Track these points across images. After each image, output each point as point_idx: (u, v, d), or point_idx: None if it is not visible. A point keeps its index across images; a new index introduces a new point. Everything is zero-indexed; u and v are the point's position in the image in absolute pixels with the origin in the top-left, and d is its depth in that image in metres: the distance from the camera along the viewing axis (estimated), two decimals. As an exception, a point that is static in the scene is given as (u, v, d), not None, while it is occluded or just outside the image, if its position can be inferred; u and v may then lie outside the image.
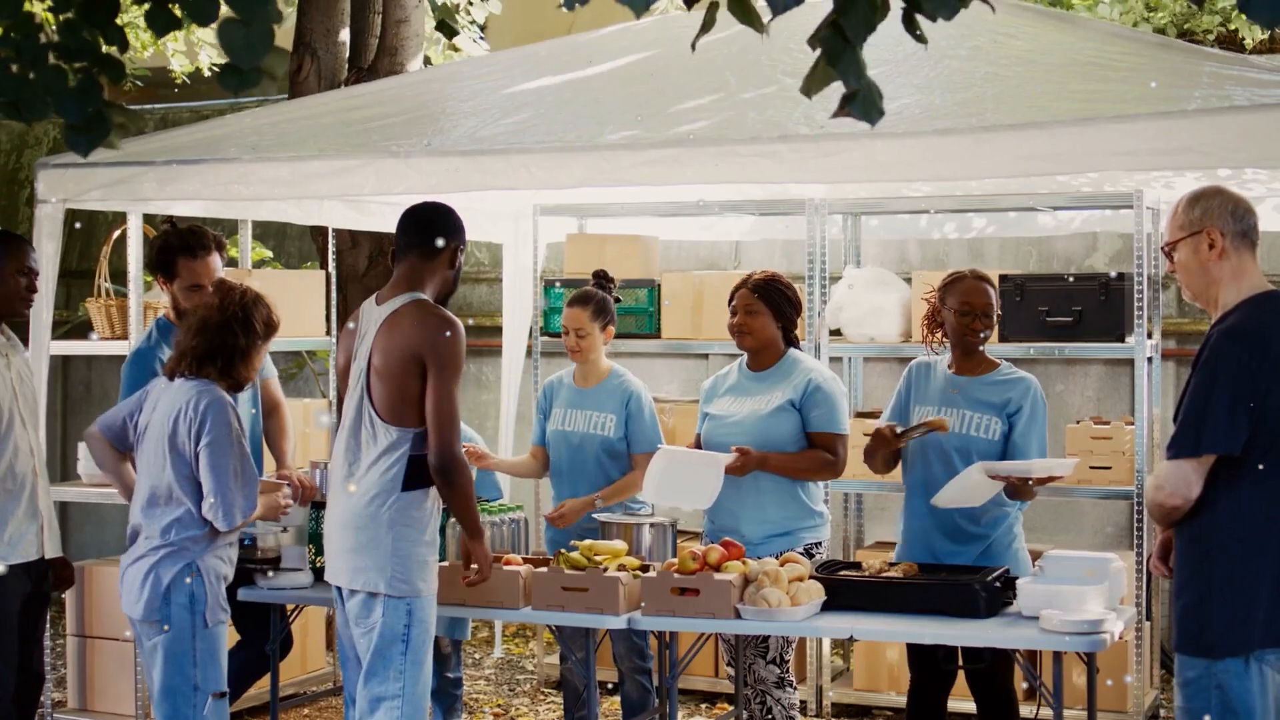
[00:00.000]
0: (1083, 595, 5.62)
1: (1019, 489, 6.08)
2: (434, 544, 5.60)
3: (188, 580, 5.75)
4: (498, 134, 6.38)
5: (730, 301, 6.62)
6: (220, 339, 5.85)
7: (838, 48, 3.39)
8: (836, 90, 5.96)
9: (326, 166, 6.43)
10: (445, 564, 6.14)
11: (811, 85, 3.50)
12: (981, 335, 6.32)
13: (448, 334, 5.42)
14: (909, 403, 6.46)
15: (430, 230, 5.60)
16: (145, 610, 5.77)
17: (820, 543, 6.60)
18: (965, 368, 6.38)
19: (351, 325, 5.72)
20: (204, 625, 5.76)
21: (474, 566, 5.73)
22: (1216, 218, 4.72)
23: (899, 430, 6.24)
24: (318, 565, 6.63)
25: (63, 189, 7.00)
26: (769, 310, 6.53)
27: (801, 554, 6.36)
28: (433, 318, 5.45)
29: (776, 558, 6.18)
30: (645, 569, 6.15)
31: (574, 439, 7.01)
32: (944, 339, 6.42)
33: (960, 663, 6.25)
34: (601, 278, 7.20)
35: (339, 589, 5.62)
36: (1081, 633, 5.48)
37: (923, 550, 6.32)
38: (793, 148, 5.67)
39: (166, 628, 5.74)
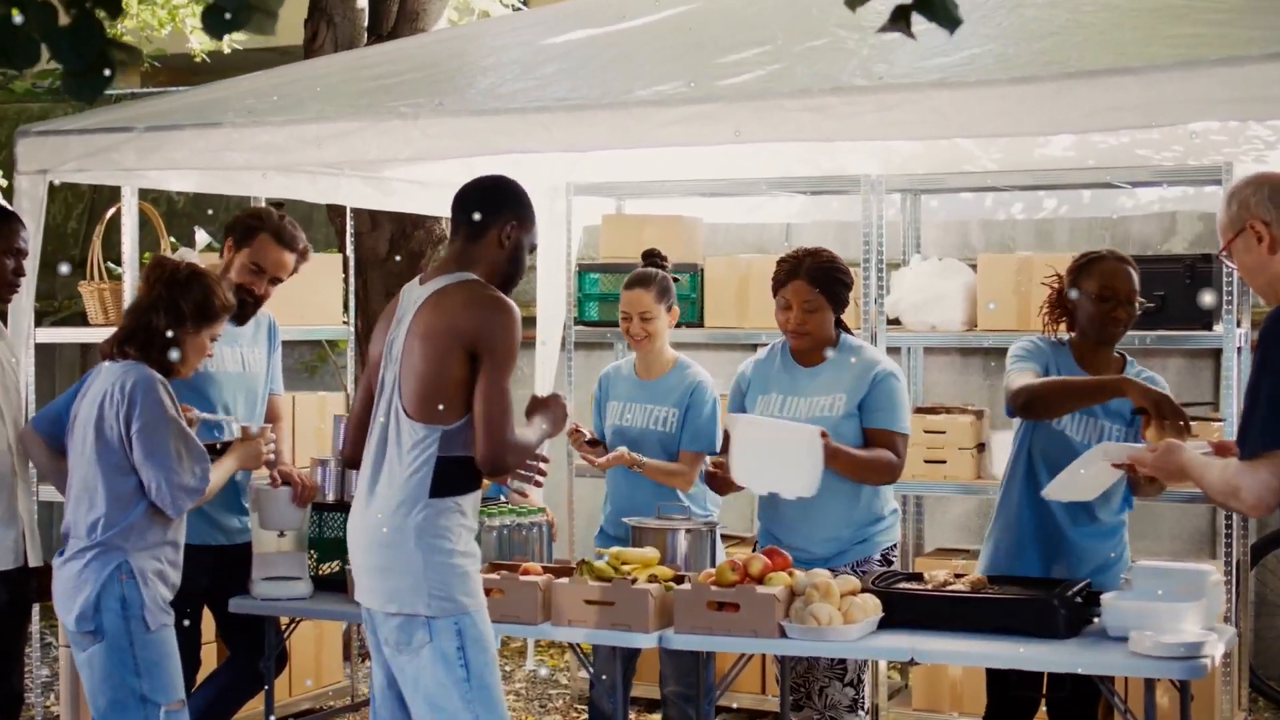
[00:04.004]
0: (1178, 613, 4.91)
1: (1144, 481, 5.31)
2: (472, 554, 4.80)
3: (119, 582, 5.17)
4: (516, 92, 5.72)
5: (777, 289, 5.83)
6: (143, 320, 5.27)
7: None
8: (903, 45, 5.38)
9: (325, 130, 5.76)
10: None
11: None
12: (1123, 328, 5.56)
13: (502, 316, 4.71)
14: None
15: (473, 204, 4.89)
16: (77, 620, 5.20)
17: (895, 545, 5.95)
18: (1095, 366, 5.57)
19: (389, 312, 5.00)
20: (141, 630, 5.18)
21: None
22: (1256, 207, 4.31)
23: None
24: (320, 574, 6.07)
25: (41, 158, 6.37)
26: (830, 304, 5.76)
27: (880, 561, 5.78)
28: (484, 297, 4.75)
29: (854, 568, 5.63)
30: (680, 580, 5.49)
31: (631, 434, 6.34)
32: (1068, 332, 5.65)
33: (1043, 690, 5.54)
34: (653, 257, 6.56)
35: (369, 610, 4.86)
36: (1178, 657, 4.78)
37: (1015, 566, 5.62)
38: (846, 100, 4.95)
39: (101, 638, 5.17)
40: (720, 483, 5.95)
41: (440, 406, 4.71)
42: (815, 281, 5.73)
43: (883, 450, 5.70)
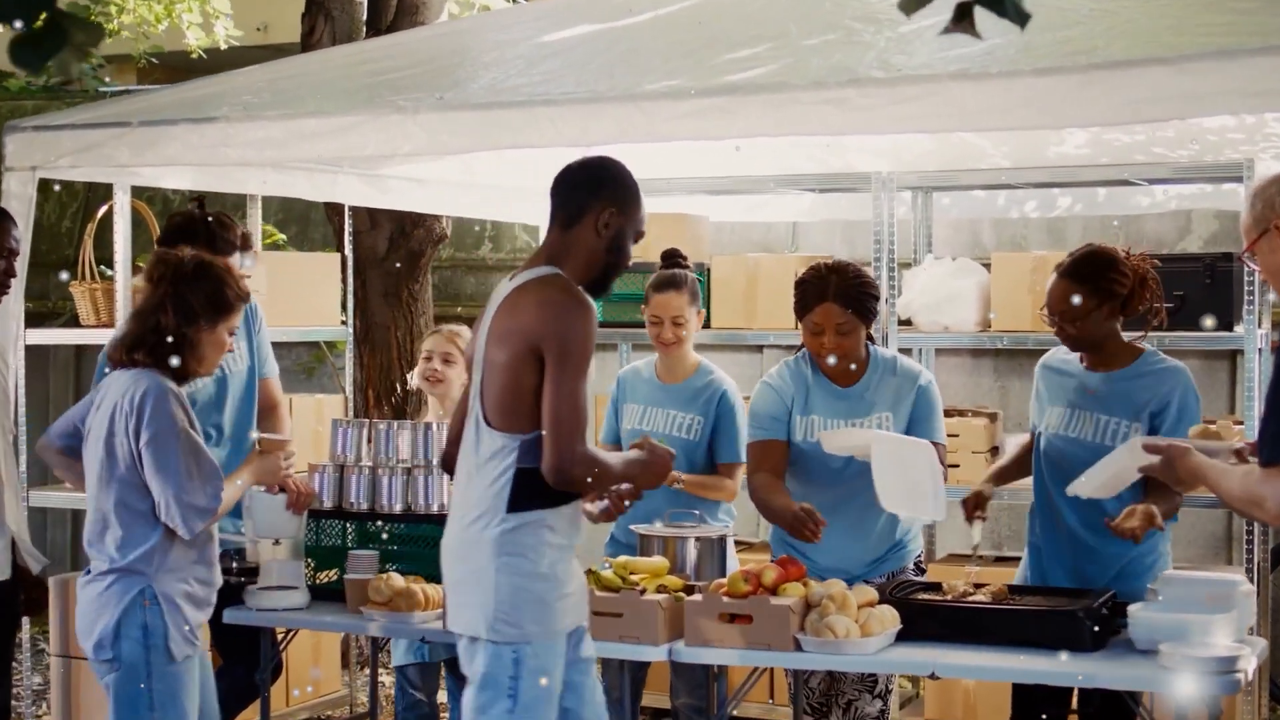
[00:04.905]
0: (1208, 625, 4.72)
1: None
2: (554, 578, 4.43)
3: (142, 608, 4.86)
4: (520, 86, 5.54)
5: (803, 312, 5.50)
6: (150, 322, 4.93)
7: None
8: (920, 36, 5.20)
9: (322, 125, 5.57)
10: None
11: None
12: (1073, 341, 5.37)
13: (572, 314, 4.34)
14: (1043, 407, 5.55)
15: (566, 189, 4.54)
16: (95, 648, 4.91)
17: (921, 551, 5.82)
18: (1097, 361, 5.41)
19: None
20: (162, 661, 4.87)
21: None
22: None
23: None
24: (317, 582, 5.88)
25: (32, 155, 6.19)
26: (862, 322, 5.51)
27: (914, 570, 5.66)
28: (558, 295, 4.38)
29: (889, 579, 5.45)
30: (690, 590, 5.29)
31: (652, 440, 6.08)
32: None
33: (1072, 705, 5.35)
34: (675, 257, 6.37)
35: None
36: (1211, 672, 4.59)
37: (1037, 576, 5.51)
38: (864, 93, 4.77)
39: (118, 667, 4.87)
40: (810, 532, 5.34)
41: (518, 414, 4.38)
42: (847, 302, 5.45)
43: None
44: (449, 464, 4.70)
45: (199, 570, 5.01)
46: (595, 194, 4.52)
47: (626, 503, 5.05)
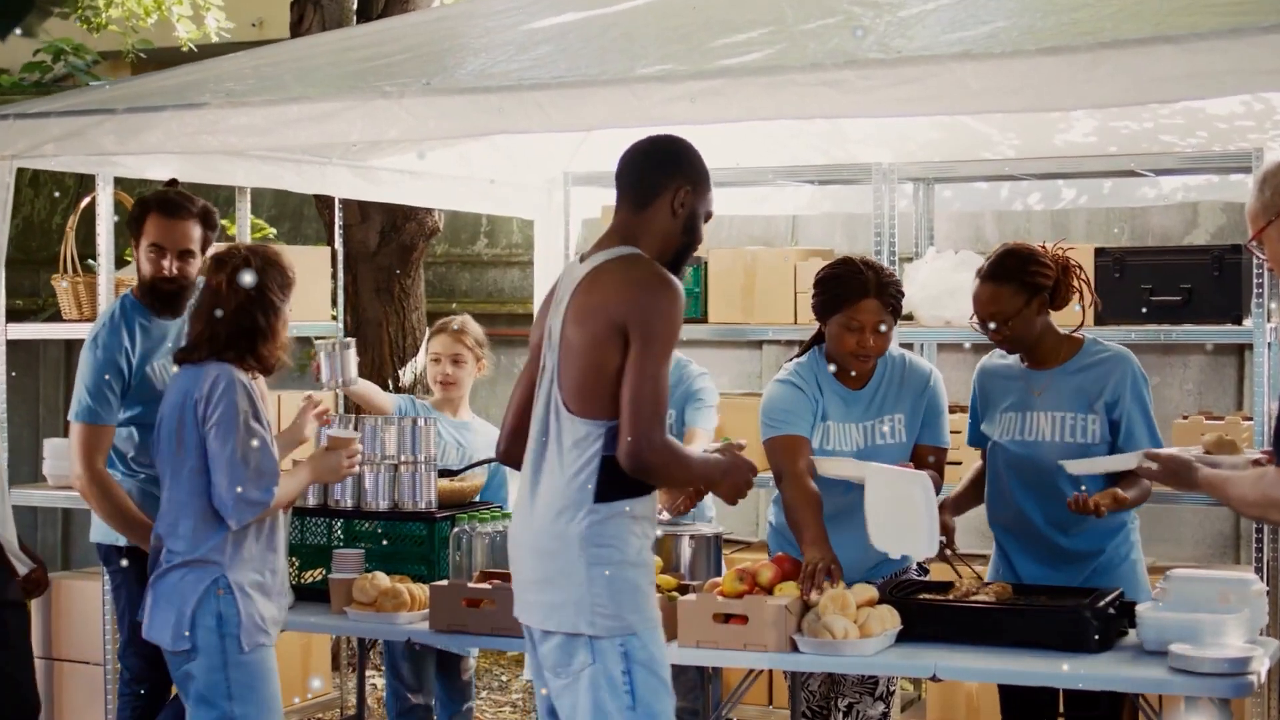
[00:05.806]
0: (1220, 625, 4.58)
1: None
2: (644, 564, 4.30)
3: (216, 597, 4.85)
4: (510, 71, 5.38)
5: (838, 309, 5.24)
6: (244, 322, 4.95)
7: None
8: (922, 20, 5.05)
9: (306, 111, 5.40)
10: (443, 583, 5.23)
11: None
12: (1010, 344, 5.29)
13: (660, 294, 4.20)
14: (982, 417, 5.48)
15: (638, 168, 4.42)
16: (172, 638, 4.88)
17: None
18: (1038, 359, 5.31)
19: (551, 293, 4.53)
20: (239, 650, 4.86)
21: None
22: None
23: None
24: (303, 581, 5.74)
25: (11, 143, 6.02)
26: (894, 320, 5.32)
27: (916, 570, 5.49)
28: (644, 273, 4.25)
29: (893, 577, 5.31)
30: (684, 590, 5.14)
31: None
32: None
33: (1060, 708, 5.21)
34: None
35: (528, 628, 4.41)
36: (1223, 674, 4.44)
37: (1009, 575, 5.37)
38: (863, 74, 4.59)
39: (195, 657, 4.85)
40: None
41: (601, 399, 4.21)
42: (887, 299, 5.25)
43: (933, 473, 5.26)
44: (511, 458, 4.56)
45: (271, 559, 5.03)
46: (670, 173, 4.41)
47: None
